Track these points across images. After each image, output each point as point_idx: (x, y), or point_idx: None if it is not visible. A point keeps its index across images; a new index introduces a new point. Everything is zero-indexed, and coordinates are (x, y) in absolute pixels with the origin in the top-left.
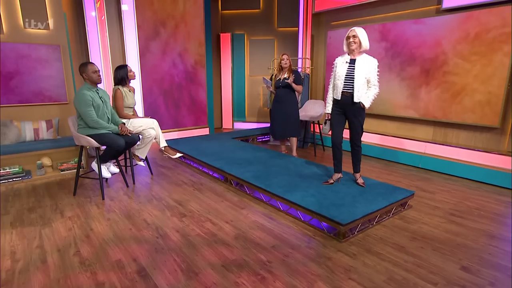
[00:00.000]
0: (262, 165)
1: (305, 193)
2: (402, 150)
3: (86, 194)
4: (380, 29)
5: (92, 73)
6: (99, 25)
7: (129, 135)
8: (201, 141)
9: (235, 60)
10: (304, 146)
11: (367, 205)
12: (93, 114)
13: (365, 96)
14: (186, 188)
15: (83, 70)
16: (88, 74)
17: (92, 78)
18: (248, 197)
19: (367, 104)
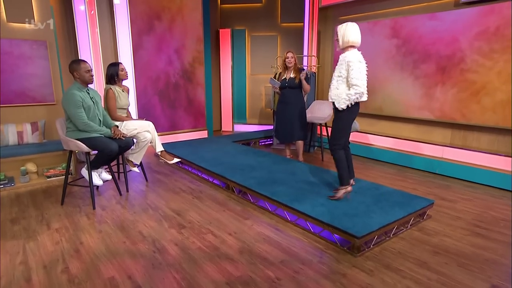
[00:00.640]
0: (266, 171)
1: (314, 202)
2: (418, 154)
3: (75, 203)
4: (392, 24)
5: (84, 73)
6: (89, 19)
7: (123, 139)
8: (199, 145)
9: (235, 57)
10: (310, 151)
11: (383, 216)
12: (84, 116)
13: (340, 97)
14: (184, 196)
15: (74, 68)
16: (80, 73)
17: (84, 77)
18: (252, 206)
19: (338, 105)
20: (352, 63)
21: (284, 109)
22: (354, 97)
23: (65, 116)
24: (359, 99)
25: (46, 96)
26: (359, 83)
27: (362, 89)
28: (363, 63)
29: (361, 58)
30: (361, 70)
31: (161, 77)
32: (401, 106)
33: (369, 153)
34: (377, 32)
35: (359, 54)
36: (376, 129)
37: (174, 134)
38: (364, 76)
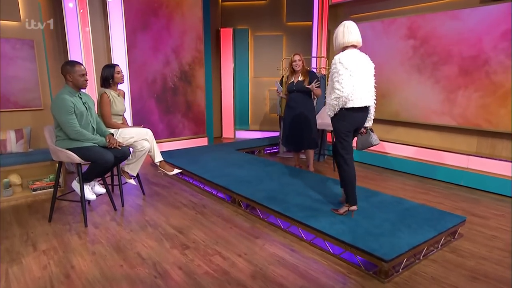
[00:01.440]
0: (276, 183)
1: (332, 218)
2: (440, 164)
3: (64, 220)
4: (409, 24)
5: (78, 76)
6: (79, 17)
7: (119, 148)
8: (200, 154)
9: (237, 59)
10: (319, 159)
11: (412, 235)
12: (75, 124)
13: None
14: (186, 212)
15: (68, 71)
16: (73, 76)
17: (77, 82)
18: (262, 223)
19: (327, 111)
20: (334, 65)
21: (292, 114)
22: (334, 102)
23: (55, 123)
24: (344, 105)
25: (32, 100)
26: (338, 86)
27: (344, 94)
28: (355, 64)
29: (353, 59)
30: (342, 73)
31: (158, 79)
32: (420, 111)
33: (386, 162)
34: (392, 32)
35: (351, 54)
36: (393, 136)
37: (171, 142)
38: (349, 80)
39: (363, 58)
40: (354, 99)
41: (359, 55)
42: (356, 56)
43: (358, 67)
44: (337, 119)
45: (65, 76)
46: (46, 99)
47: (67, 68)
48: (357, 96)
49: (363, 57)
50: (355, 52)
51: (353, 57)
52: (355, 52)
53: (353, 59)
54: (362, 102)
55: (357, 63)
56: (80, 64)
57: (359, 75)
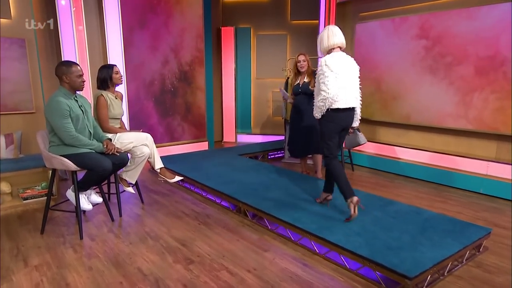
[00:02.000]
0: (284, 191)
1: (347, 230)
2: (456, 170)
3: (58, 231)
4: (421, 22)
5: (76, 77)
6: (74, 15)
7: (117, 155)
8: (201, 159)
9: (239, 59)
10: None
11: (435, 249)
12: (71, 128)
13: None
14: (189, 222)
15: (64, 72)
16: (70, 78)
17: (74, 83)
18: (271, 234)
19: (314, 113)
20: (320, 68)
21: (298, 118)
22: (321, 103)
23: (48, 128)
24: (332, 106)
25: (23, 103)
26: (324, 88)
27: (329, 96)
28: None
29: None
30: (328, 75)
31: (156, 80)
32: (433, 114)
33: (397, 168)
34: (403, 31)
35: (336, 56)
36: (404, 140)
37: (170, 146)
38: (334, 82)
39: (348, 60)
40: (339, 100)
41: (345, 57)
42: (342, 58)
43: (343, 69)
44: (324, 120)
45: (61, 77)
46: (38, 102)
47: (63, 69)
48: (342, 97)
49: (348, 59)
50: (341, 55)
51: (338, 60)
52: (341, 54)
53: (339, 62)
54: (347, 103)
55: (342, 66)
56: (76, 64)
57: (344, 77)
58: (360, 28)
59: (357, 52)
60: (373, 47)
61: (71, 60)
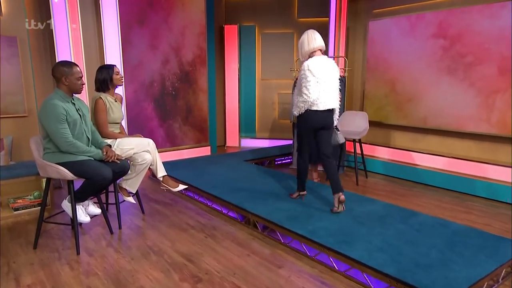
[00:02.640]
0: (295, 201)
1: (368, 244)
2: (480, 178)
3: (52, 246)
4: (438, 20)
5: (76, 80)
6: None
7: (117, 162)
8: (204, 165)
9: (243, 59)
10: (338, 171)
11: (468, 267)
12: (68, 134)
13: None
14: (194, 235)
15: (64, 73)
16: (70, 80)
17: (75, 86)
18: (284, 248)
19: (293, 111)
20: (302, 71)
21: None
22: (301, 104)
23: (43, 133)
24: (311, 108)
25: (15, 106)
26: (306, 91)
27: (310, 99)
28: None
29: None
30: (310, 79)
31: (156, 81)
32: (451, 117)
33: (415, 175)
34: (420, 29)
35: (318, 60)
36: (422, 146)
37: (171, 152)
38: (315, 87)
39: (329, 63)
40: (318, 103)
41: (326, 61)
42: (323, 62)
43: (324, 73)
44: (302, 119)
45: (60, 78)
46: (31, 105)
47: (63, 70)
48: (321, 100)
49: (329, 62)
50: (322, 58)
51: (320, 64)
52: (322, 58)
53: (320, 66)
54: (326, 106)
55: (323, 70)
56: (76, 65)
57: (324, 81)
58: (373, 25)
59: (370, 51)
60: (387, 46)
61: (70, 61)
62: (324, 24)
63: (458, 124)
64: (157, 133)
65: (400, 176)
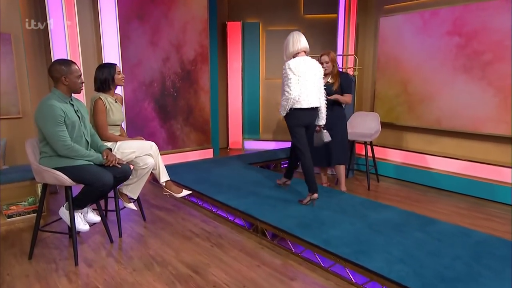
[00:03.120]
0: (306, 207)
1: (387, 255)
2: (500, 183)
3: (49, 256)
4: (454, 16)
5: (76, 78)
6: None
7: (118, 167)
8: (207, 169)
9: (246, 57)
10: (348, 175)
11: (499, 281)
12: (66, 137)
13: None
14: (199, 244)
15: (63, 72)
16: (70, 79)
17: (75, 85)
18: (296, 259)
19: (280, 111)
20: (284, 70)
21: None
22: (285, 103)
23: (39, 136)
24: (294, 106)
25: (8, 107)
26: (287, 89)
27: (292, 96)
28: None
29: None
30: (291, 77)
31: (156, 80)
32: (468, 118)
33: (429, 179)
34: (433, 26)
35: (300, 60)
36: (436, 148)
37: (171, 154)
38: (296, 84)
39: (312, 63)
40: (301, 101)
41: (309, 61)
42: (306, 62)
43: (306, 72)
44: (289, 117)
45: (59, 78)
46: (25, 106)
47: (62, 69)
48: (304, 98)
49: (312, 62)
50: (305, 59)
51: (302, 64)
52: (305, 58)
53: (302, 66)
54: (309, 104)
55: (305, 69)
56: (74, 62)
57: (306, 79)
58: (384, 22)
59: (381, 49)
60: (399, 44)
61: (67, 59)
62: (332, 21)
63: (474, 125)
64: (157, 134)
65: (413, 180)
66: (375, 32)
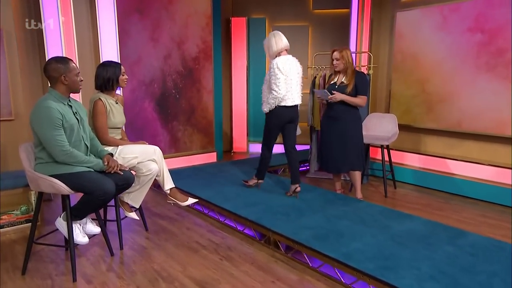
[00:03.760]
0: (321, 216)
1: (416, 271)
2: None
3: (44, 271)
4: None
5: (75, 76)
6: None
7: (120, 174)
8: (212, 174)
9: (251, 55)
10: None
11: None
12: (64, 141)
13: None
14: (207, 257)
15: (62, 71)
16: (70, 78)
17: (74, 84)
18: (313, 274)
19: (262, 107)
20: (272, 69)
21: (332, 126)
22: (272, 101)
23: (35, 141)
24: (279, 104)
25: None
26: (276, 88)
27: (280, 95)
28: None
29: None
30: (280, 77)
31: (156, 79)
32: (491, 120)
33: (452, 186)
34: (454, 22)
35: (285, 60)
36: (458, 152)
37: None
38: (284, 84)
39: (294, 62)
40: (287, 99)
41: (292, 60)
42: (290, 61)
43: (291, 71)
44: (272, 115)
45: (58, 78)
46: (18, 107)
47: (60, 67)
48: (289, 97)
49: (294, 61)
50: (289, 58)
51: (287, 63)
52: (288, 57)
53: (288, 65)
54: (294, 102)
55: (290, 68)
56: (71, 59)
57: (291, 78)
58: (401, 17)
59: (397, 46)
60: (417, 40)
61: (63, 56)
62: (343, 16)
63: (499, 127)
64: (157, 137)
65: (434, 186)
66: (390, 27)
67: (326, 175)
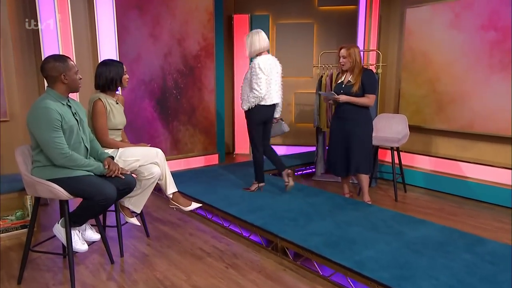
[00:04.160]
0: (330, 221)
1: (435, 281)
2: None
3: (41, 280)
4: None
5: (75, 75)
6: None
7: (122, 178)
8: (214, 177)
9: None
10: (371, 184)
11: None
12: (63, 144)
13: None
14: (212, 264)
15: (62, 70)
16: (69, 77)
17: (74, 82)
18: (324, 283)
19: (241, 105)
20: (253, 69)
21: (340, 127)
22: (252, 100)
23: (32, 143)
24: (260, 103)
25: None
26: (257, 87)
27: (261, 94)
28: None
29: (268, 64)
30: (261, 77)
31: (156, 77)
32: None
33: (465, 190)
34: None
35: (266, 60)
36: (471, 154)
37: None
38: (265, 83)
39: (274, 62)
40: (267, 98)
41: (272, 59)
42: (270, 61)
43: (272, 71)
44: (252, 112)
45: (57, 77)
46: (14, 108)
47: (59, 66)
48: (269, 96)
49: (274, 60)
50: (269, 57)
51: (269, 63)
52: (269, 57)
53: (269, 65)
54: (273, 101)
55: (271, 68)
56: (68, 57)
57: (271, 78)
58: (411, 14)
59: (407, 44)
60: (427, 38)
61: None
62: (350, 13)
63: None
64: (157, 138)
65: (446, 190)
66: (400, 25)
67: (332, 177)
